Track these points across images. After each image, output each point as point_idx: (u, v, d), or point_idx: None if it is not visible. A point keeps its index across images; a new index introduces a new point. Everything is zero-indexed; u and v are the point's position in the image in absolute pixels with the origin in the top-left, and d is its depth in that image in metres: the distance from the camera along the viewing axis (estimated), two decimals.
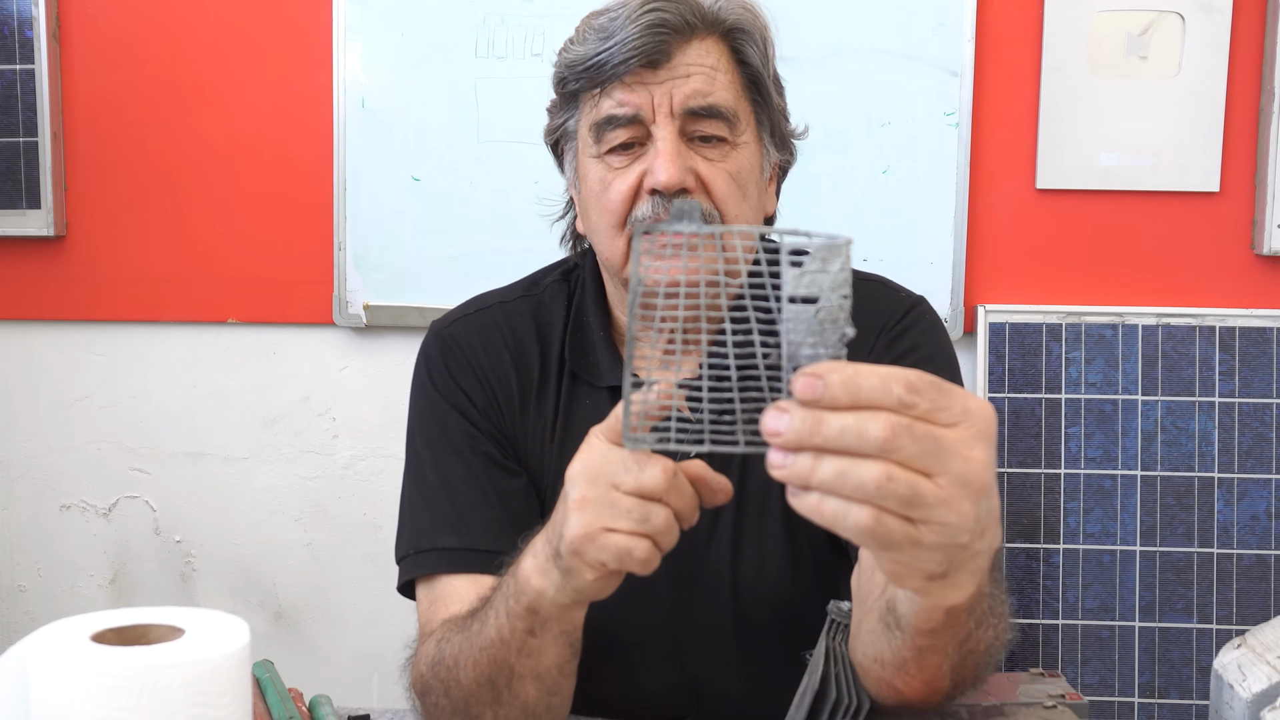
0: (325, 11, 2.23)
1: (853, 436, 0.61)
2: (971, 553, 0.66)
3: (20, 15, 2.25)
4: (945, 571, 0.66)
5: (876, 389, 0.61)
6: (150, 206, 2.31)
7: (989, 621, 0.85)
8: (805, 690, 0.95)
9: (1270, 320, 2.14)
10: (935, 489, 0.62)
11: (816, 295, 0.63)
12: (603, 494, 0.79)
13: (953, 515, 0.62)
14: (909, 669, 0.87)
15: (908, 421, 0.61)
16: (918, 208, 2.18)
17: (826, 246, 0.62)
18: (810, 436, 0.61)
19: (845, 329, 0.63)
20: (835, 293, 0.62)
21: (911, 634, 0.82)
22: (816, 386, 0.61)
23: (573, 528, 0.80)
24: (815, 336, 0.63)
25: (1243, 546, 2.13)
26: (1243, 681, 1.06)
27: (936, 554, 0.64)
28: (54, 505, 2.40)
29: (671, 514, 0.79)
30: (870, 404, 0.61)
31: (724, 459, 1.13)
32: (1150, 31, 2.15)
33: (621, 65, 1.04)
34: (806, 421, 0.61)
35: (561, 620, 0.90)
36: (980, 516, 0.64)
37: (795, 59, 2.15)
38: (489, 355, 1.17)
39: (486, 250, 2.22)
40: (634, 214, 1.07)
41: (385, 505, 2.32)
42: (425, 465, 1.15)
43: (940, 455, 0.62)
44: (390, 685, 1.08)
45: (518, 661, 0.93)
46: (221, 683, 0.68)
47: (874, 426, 0.60)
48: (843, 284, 0.62)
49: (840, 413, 0.61)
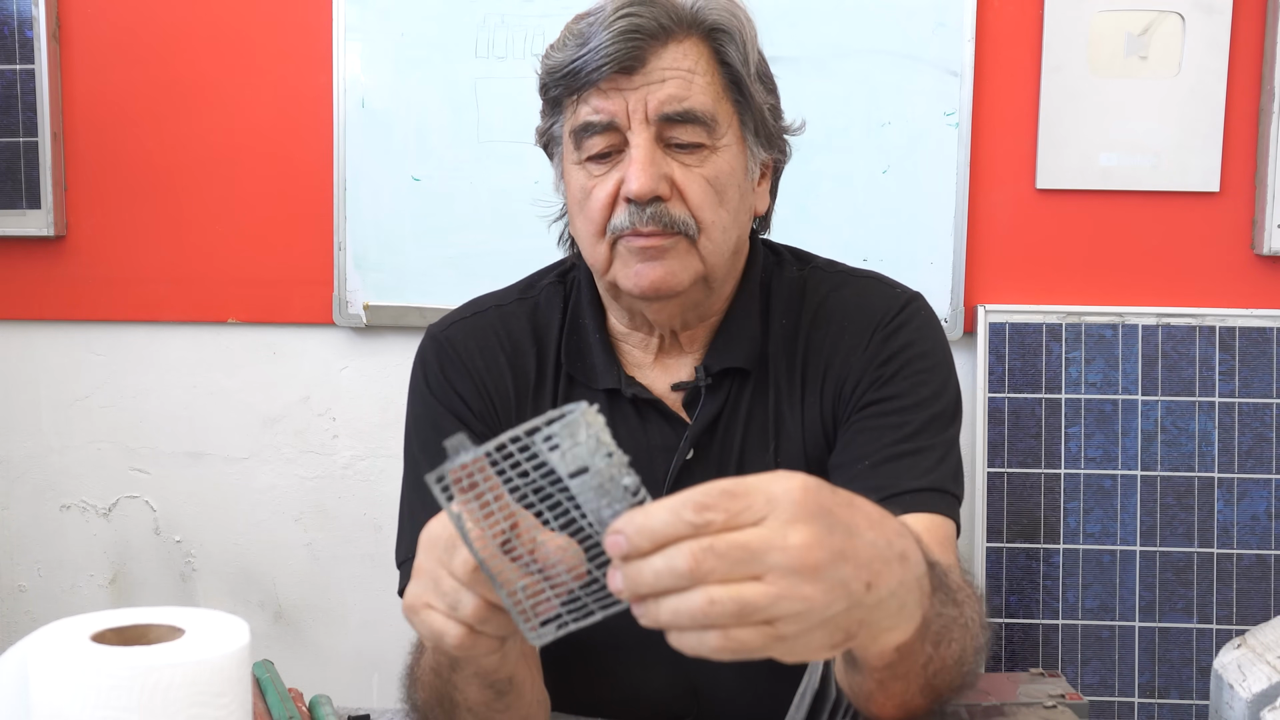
0: (325, 11, 2.23)
1: (668, 577, 0.62)
2: (867, 607, 0.66)
3: (20, 15, 2.25)
4: (845, 637, 0.66)
5: (668, 524, 0.62)
6: (150, 206, 2.31)
7: (950, 637, 0.84)
8: (805, 690, 0.95)
9: (1270, 320, 2.14)
10: (765, 589, 0.62)
11: (585, 466, 0.65)
12: (432, 567, 0.75)
13: (797, 604, 0.62)
14: (876, 699, 0.88)
15: (707, 542, 0.62)
16: (918, 208, 2.18)
17: (563, 425, 0.65)
18: (637, 588, 0.63)
19: (625, 481, 0.65)
20: (597, 456, 0.65)
21: (869, 671, 0.83)
22: (620, 543, 0.63)
23: (406, 595, 0.79)
24: (606, 498, 0.65)
25: (1243, 546, 2.13)
26: (1243, 681, 1.06)
27: (816, 634, 0.64)
28: (54, 505, 2.40)
29: (483, 605, 0.73)
30: (667, 539, 0.62)
31: (723, 457, 1.14)
32: (1150, 31, 2.15)
33: (595, 72, 1.03)
34: (629, 576, 0.63)
35: (470, 663, 0.86)
36: (832, 588, 0.63)
37: (795, 59, 2.15)
38: (485, 359, 1.17)
39: (486, 250, 2.22)
40: (611, 222, 1.06)
41: (385, 505, 2.32)
42: (422, 469, 1.15)
43: (755, 558, 0.62)
44: (390, 685, 1.09)
45: (450, 692, 0.92)
46: (221, 683, 0.68)
47: (679, 561, 0.62)
48: (599, 447, 0.64)
49: (649, 558, 0.63)
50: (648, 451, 1.13)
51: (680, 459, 1.12)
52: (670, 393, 1.15)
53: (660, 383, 1.16)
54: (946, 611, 0.83)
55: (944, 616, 0.82)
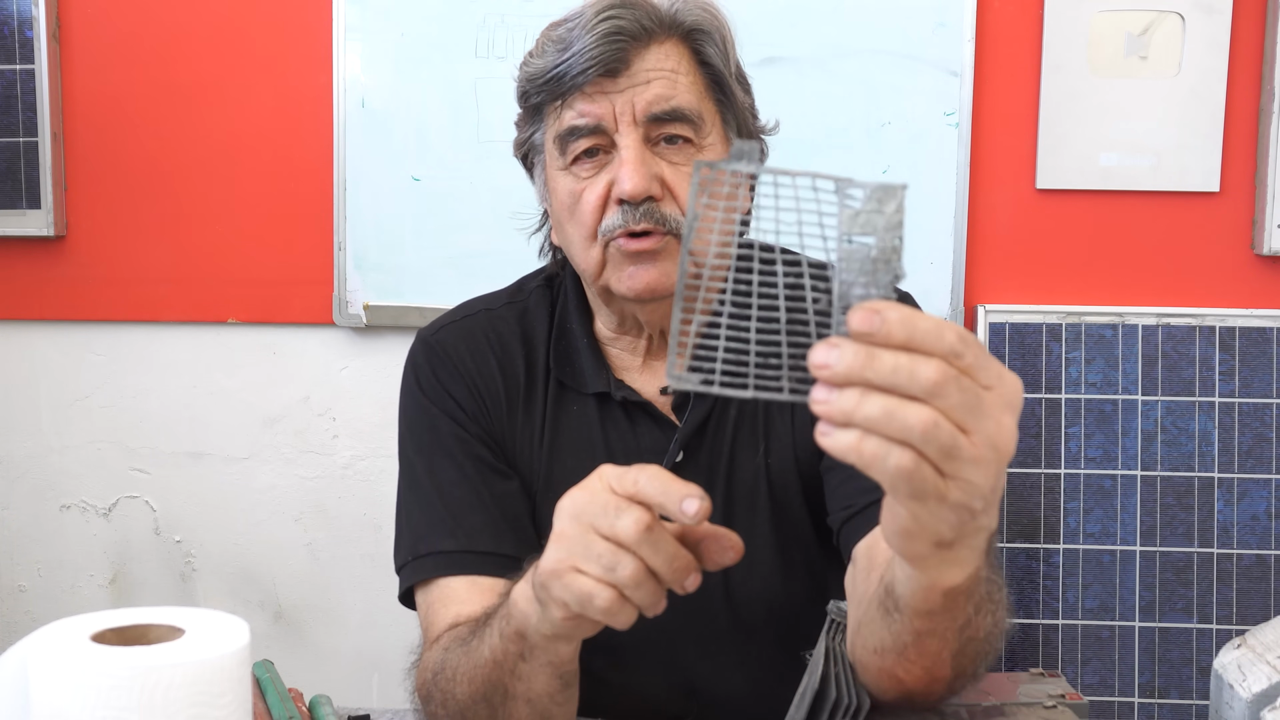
0: (325, 11, 2.23)
1: (904, 376, 0.59)
2: (977, 525, 0.66)
3: (20, 15, 2.25)
4: (953, 540, 0.66)
5: (931, 333, 0.60)
6: (150, 206, 2.31)
7: (987, 608, 0.84)
8: (805, 690, 0.95)
9: (1270, 320, 2.14)
10: (970, 445, 0.61)
11: (871, 234, 0.61)
12: (580, 533, 0.77)
13: (979, 475, 0.62)
14: (909, 654, 0.85)
15: (955, 372, 0.60)
16: (918, 208, 2.18)
17: (881, 188, 0.61)
18: (861, 370, 0.59)
19: (898, 270, 0.62)
20: (890, 234, 0.61)
21: (910, 616, 0.81)
22: (874, 320, 0.59)
23: (546, 560, 0.80)
24: (867, 276, 0.61)
25: (1243, 546, 2.13)
26: (1243, 681, 1.06)
27: (952, 516, 0.64)
28: (54, 505, 2.40)
29: (642, 568, 0.76)
30: (923, 347, 0.60)
31: (713, 461, 1.14)
32: (1150, 31, 2.15)
33: (580, 76, 1.03)
34: (859, 356, 0.59)
35: (548, 651, 0.88)
36: (997, 487, 0.64)
37: (795, 59, 2.15)
38: (476, 361, 1.17)
39: (486, 250, 2.22)
40: (603, 224, 1.06)
41: (385, 505, 2.31)
42: (419, 471, 1.15)
43: (978, 413, 0.61)
44: (390, 685, 1.09)
45: (510, 683, 0.92)
46: (221, 683, 0.68)
47: (926, 370, 0.59)
48: (897, 225, 0.61)
49: (894, 351, 0.60)
50: (637, 454, 1.13)
51: (670, 461, 1.13)
52: (659, 396, 1.16)
53: (649, 386, 1.16)
54: (994, 578, 0.83)
55: (990, 582, 0.83)
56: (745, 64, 1.15)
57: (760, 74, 1.22)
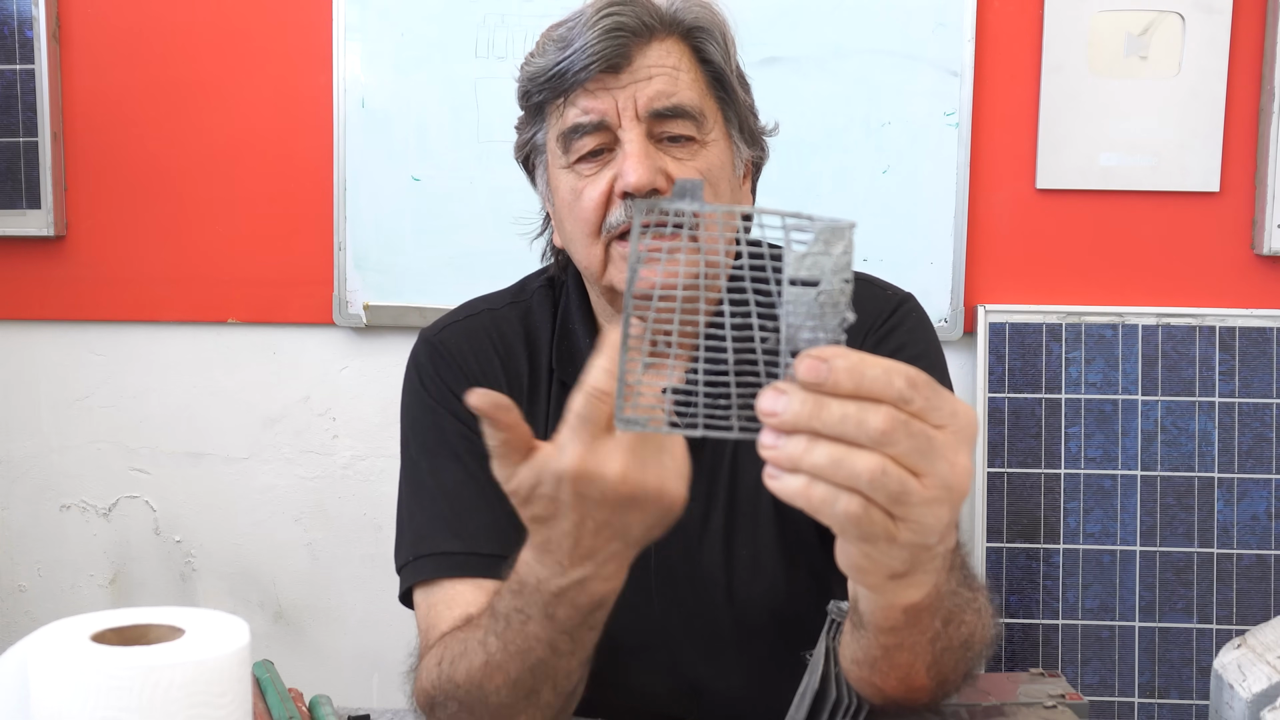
0: (325, 11, 2.23)
1: (852, 425, 0.60)
2: (931, 554, 0.67)
3: (20, 15, 2.25)
4: (906, 571, 0.67)
5: (879, 380, 0.60)
6: (150, 206, 2.31)
7: (960, 619, 0.84)
8: (805, 690, 0.95)
9: (1270, 320, 2.14)
10: (921, 489, 0.61)
11: (818, 278, 0.61)
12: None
13: (931, 515, 0.62)
14: (880, 667, 0.86)
15: (905, 417, 0.60)
16: (918, 207, 2.18)
17: (829, 229, 0.61)
18: (809, 420, 0.60)
19: (845, 314, 0.61)
20: (837, 276, 0.61)
21: (875, 632, 0.81)
22: (820, 370, 0.60)
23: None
24: (815, 320, 0.61)
25: (1243, 546, 2.13)
26: (1243, 681, 1.06)
27: (904, 552, 0.64)
28: (54, 505, 2.40)
29: None
30: (872, 394, 0.60)
31: (716, 463, 1.14)
32: (1150, 31, 2.15)
33: (583, 72, 1.04)
34: (807, 404, 0.60)
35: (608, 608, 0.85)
36: (952, 521, 0.65)
37: (795, 59, 2.15)
38: (479, 361, 1.17)
39: (486, 250, 2.22)
40: (607, 220, 1.06)
41: (385, 505, 2.32)
42: (422, 471, 1.15)
43: (930, 455, 0.61)
44: (390, 685, 1.09)
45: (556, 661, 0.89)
46: (221, 683, 0.68)
47: (874, 418, 0.60)
48: (844, 267, 0.61)
49: (841, 400, 0.60)
50: None
51: None
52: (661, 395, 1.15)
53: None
54: (961, 592, 0.83)
55: (958, 596, 0.82)
56: (745, 64, 1.15)
57: (760, 74, 1.22)
